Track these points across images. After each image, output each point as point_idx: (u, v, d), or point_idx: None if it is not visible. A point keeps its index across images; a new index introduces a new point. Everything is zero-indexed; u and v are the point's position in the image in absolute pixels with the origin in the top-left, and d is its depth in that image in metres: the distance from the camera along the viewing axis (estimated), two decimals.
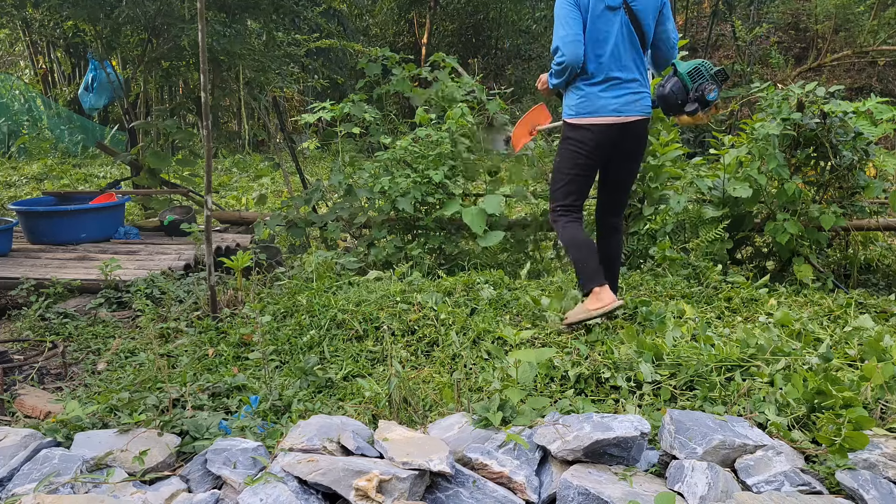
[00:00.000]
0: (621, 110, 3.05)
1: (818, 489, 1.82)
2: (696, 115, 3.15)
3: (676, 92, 3.13)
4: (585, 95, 3.06)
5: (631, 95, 3.06)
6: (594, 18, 2.99)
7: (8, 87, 12.63)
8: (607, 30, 3.01)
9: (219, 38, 6.26)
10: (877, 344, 2.69)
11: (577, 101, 3.08)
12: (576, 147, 3.11)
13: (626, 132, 3.09)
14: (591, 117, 3.06)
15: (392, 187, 4.53)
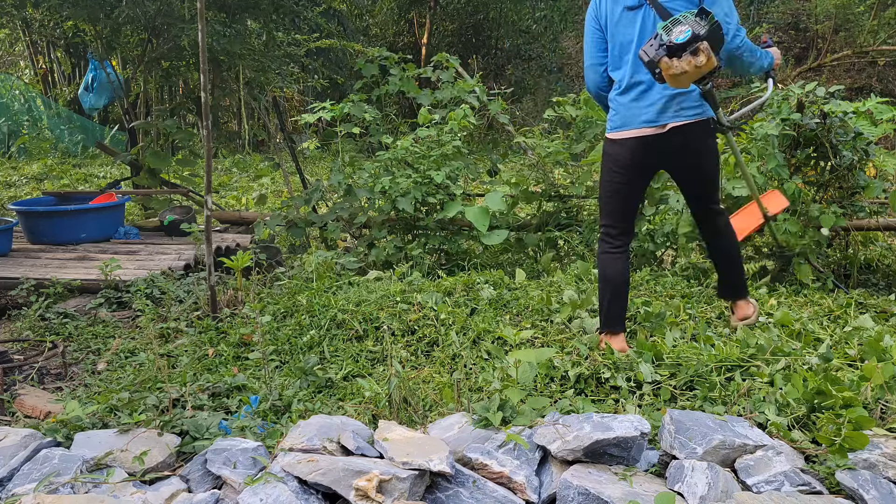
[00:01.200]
0: (657, 119, 2.75)
1: (818, 489, 1.82)
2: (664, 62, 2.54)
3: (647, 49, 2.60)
4: (616, 106, 2.85)
5: (668, 100, 2.74)
6: (613, 25, 2.80)
7: (8, 87, 12.63)
8: (629, 32, 2.77)
9: (219, 38, 6.26)
10: (877, 344, 2.69)
11: (611, 114, 2.88)
12: (610, 163, 2.89)
13: (668, 141, 2.77)
14: (623, 131, 2.82)
15: (392, 187, 4.53)
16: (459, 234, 4.90)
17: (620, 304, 2.90)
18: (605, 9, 2.83)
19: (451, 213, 4.51)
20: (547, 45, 16.80)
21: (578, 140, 4.88)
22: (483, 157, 5.39)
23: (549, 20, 17.00)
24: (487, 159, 5.42)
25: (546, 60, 16.63)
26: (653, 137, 2.78)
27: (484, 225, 4.41)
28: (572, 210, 5.02)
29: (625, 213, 2.93)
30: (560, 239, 4.91)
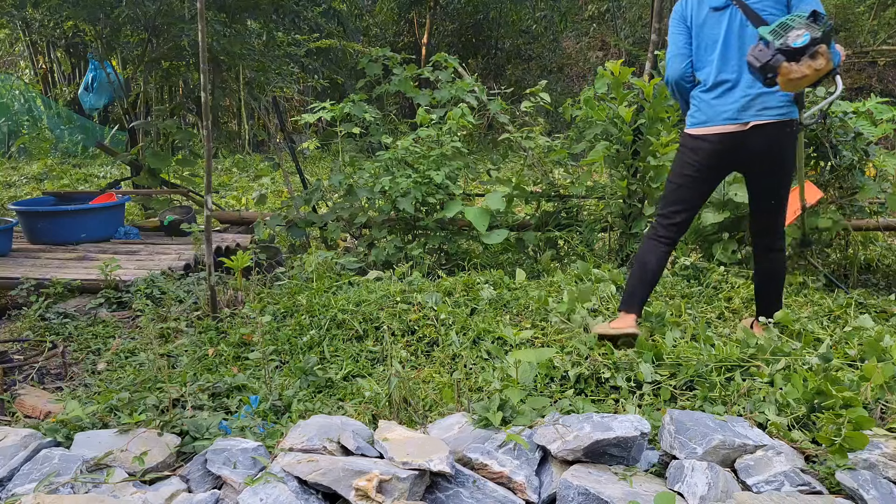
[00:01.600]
0: (738, 116, 2.78)
1: (818, 489, 1.82)
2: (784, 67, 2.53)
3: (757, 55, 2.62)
4: (698, 102, 2.90)
5: (752, 98, 2.76)
6: (699, 25, 2.87)
7: (8, 87, 12.63)
8: (715, 32, 2.83)
9: (219, 38, 6.27)
10: (877, 344, 2.70)
11: (692, 111, 2.93)
12: (687, 156, 2.93)
13: (749, 140, 2.79)
14: (704, 127, 2.86)
15: (393, 187, 4.53)
16: (459, 234, 4.91)
17: (646, 290, 2.98)
18: (691, 10, 2.91)
19: (451, 212, 4.51)
20: (547, 45, 16.80)
21: (578, 140, 4.88)
22: (483, 157, 5.39)
23: (549, 20, 16.99)
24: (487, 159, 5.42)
25: (546, 60, 16.63)
26: (734, 135, 2.80)
27: (484, 225, 4.41)
28: (572, 210, 5.02)
29: (686, 206, 2.98)
30: (560, 239, 4.91)
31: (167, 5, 6.21)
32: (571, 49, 17.55)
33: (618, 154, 4.60)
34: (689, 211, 3.01)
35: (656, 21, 4.97)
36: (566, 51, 17.36)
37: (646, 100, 4.42)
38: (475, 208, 4.52)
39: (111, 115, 12.98)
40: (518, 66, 16.32)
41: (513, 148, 5.92)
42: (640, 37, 15.58)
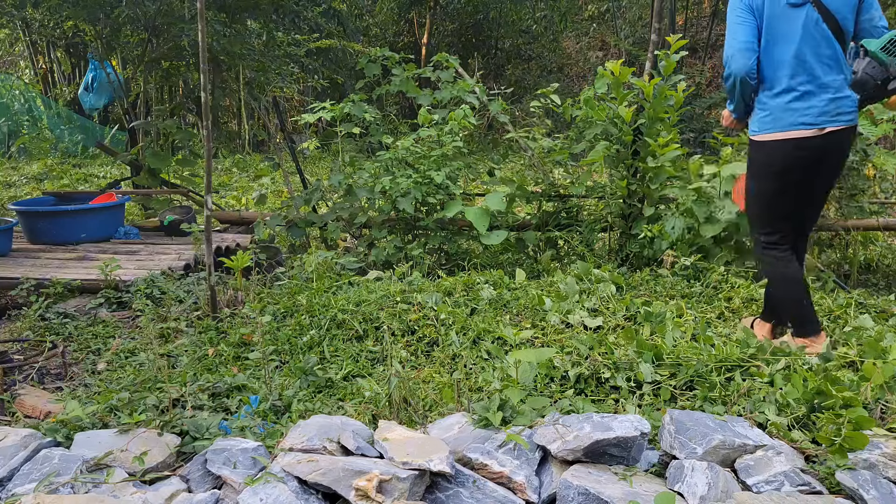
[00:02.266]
0: (816, 122, 2.67)
1: (818, 489, 1.82)
2: None
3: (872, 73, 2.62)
4: (770, 109, 2.72)
5: (828, 103, 2.66)
6: (772, 19, 2.65)
7: (8, 87, 12.63)
8: (790, 30, 2.64)
9: (219, 38, 6.27)
10: (876, 344, 2.70)
11: (760, 115, 2.75)
12: (763, 169, 2.79)
13: (826, 146, 2.69)
14: (779, 132, 2.70)
15: (393, 187, 4.53)
16: (459, 235, 4.91)
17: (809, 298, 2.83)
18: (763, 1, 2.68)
19: (451, 212, 4.51)
20: (547, 45, 16.79)
21: (578, 140, 4.88)
22: (483, 157, 5.39)
23: (549, 20, 16.99)
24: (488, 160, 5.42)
25: (546, 60, 16.62)
26: (811, 139, 2.68)
27: (484, 225, 4.41)
28: (572, 210, 5.03)
29: (784, 217, 2.85)
30: (560, 239, 4.91)
31: (167, 5, 6.21)
32: (571, 49, 17.55)
33: (618, 154, 4.60)
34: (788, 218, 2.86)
35: (656, 21, 4.97)
36: (566, 51, 17.35)
37: (646, 100, 4.42)
38: (475, 208, 4.52)
39: (111, 115, 12.98)
40: (518, 66, 16.32)
41: (513, 148, 5.92)
42: (640, 37, 15.58)
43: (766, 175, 2.81)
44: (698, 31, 15.64)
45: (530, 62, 16.52)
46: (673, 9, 14.40)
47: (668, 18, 13.96)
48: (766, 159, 2.78)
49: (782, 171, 2.76)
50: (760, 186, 2.86)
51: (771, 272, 2.90)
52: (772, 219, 2.87)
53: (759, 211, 2.90)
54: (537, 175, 5.37)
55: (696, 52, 14.79)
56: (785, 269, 2.83)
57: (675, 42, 4.27)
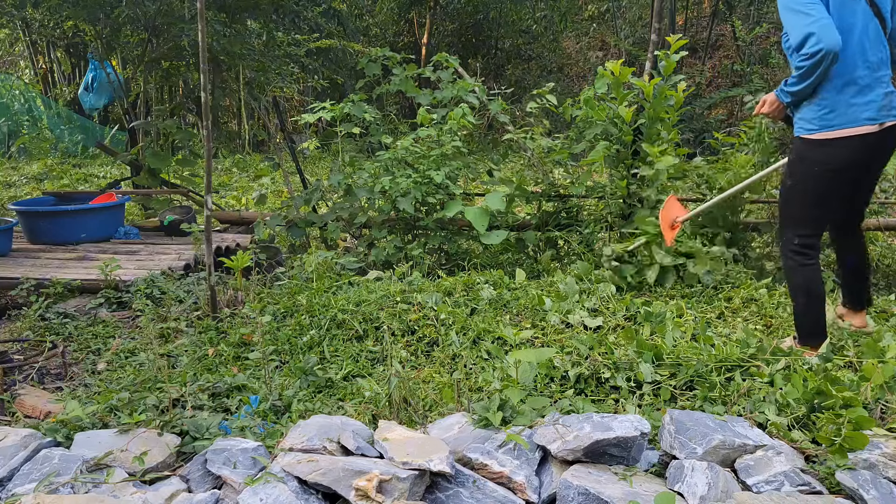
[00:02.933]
0: (877, 117, 2.59)
1: (818, 489, 1.82)
2: None
3: None
4: (831, 103, 2.60)
5: (884, 97, 2.61)
6: (837, 6, 2.55)
7: (8, 87, 12.62)
8: (852, 20, 2.56)
9: (219, 38, 6.27)
10: (875, 344, 2.70)
11: (820, 111, 2.63)
12: (820, 168, 2.65)
13: (883, 141, 2.64)
14: (841, 129, 2.59)
15: (393, 187, 4.53)
16: (459, 234, 4.91)
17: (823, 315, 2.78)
18: None
19: (451, 212, 4.51)
20: (547, 45, 16.79)
21: (578, 140, 4.88)
22: (483, 157, 5.39)
23: (549, 20, 16.99)
24: (487, 159, 5.42)
25: (546, 60, 16.62)
26: (871, 136, 2.61)
27: (483, 225, 4.41)
28: (572, 210, 5.02)
29: (829, 219, 2.82)
30: (560, 239, 4.91)
31: (167, 5, 6.21)
32: (571, 49, 17.54)
33: (618, 154, 4.60)
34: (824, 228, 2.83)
35: (656, 21, 4.97)
36: (566, 51, 17.35)
37: (646, 100, 4.42)
38: (475, 208, 4.52)
39: (111, 115, 12.98)
40: (518, 66, 16.32)
41: (513, 148, 5.92)
42: (640, 37, 15.58)
43: (821, 175, 2.67)
44: (698, 31, 15.64)
45: (530, 62, 16.52)
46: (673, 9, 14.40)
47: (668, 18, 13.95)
48: (826, 158, 2.65)
49: (840, 170, 2.66)
50: (810, 186, 2.71)
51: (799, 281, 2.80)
52: (813, 221, 2.78)
53: (802, 212, 2.77)
54: (537, 175, 5.37)
55: (696, 52, 14.79)
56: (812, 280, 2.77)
57: (675, 42, 4.27)
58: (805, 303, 2.78)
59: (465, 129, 4.98)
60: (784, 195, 2.84)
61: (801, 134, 2.71)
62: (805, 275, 2.77)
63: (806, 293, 2.78)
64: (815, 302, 2.77)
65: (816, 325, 2.78)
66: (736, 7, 15.34)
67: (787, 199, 2.83)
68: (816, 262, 2.79)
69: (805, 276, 2.77)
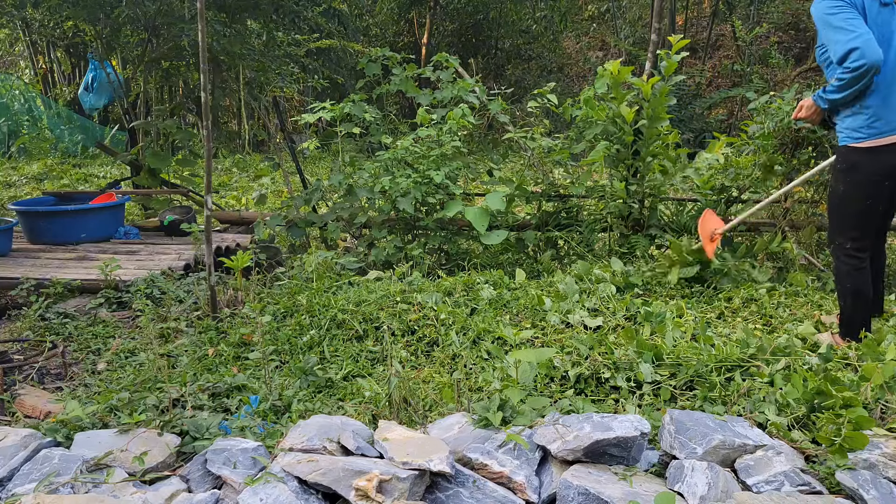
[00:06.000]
0: None
1: (818, 489, 1.82)
2: None
3: None
4: (877, 112, 2.69)
5: None
6: (873, 17, 2.65)
7: (8, 87, 12.62)
8: (887, 30, 2.68)
9: (219, 38, 6.27)
10: (875, 344, 2.70)
11: (865, 120, 2.72)
12: (866, 175, 2.75)
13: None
14: (890, 136, 2.69)
15: (393, 187, 4.53)
16: (459, 234, 4.90)
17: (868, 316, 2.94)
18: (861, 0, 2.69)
19: (451, 212, 4.50)
20: (547, 45, 16.79)
21: (578, 140, 4.88)
22: (483, 157, 5.39)
23: (549, 20, 16.99)
24: (487, 159, 5.42)
25: (546, 60, 16.62)
26: None
27: (483, 225, 4.41)
28: (572, 210, 5.02)
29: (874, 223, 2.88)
30: (560, 239, 4.91)
31: (167, 5, 6.21)
32: (571, 49, 17.55)
33: (618, 154, 4.60)
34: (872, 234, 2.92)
35: (656, 21, 4.97)
36: (566, 51, 17.36)
37: (644, 99, 4.42)
38: (475, 208, 4.52)
39: (111, 115, 12.98)
40: (518, 66, 16.32)
41: (513, 148, 5.92)
42: (640, 37, 15.58)
43: (868, 182, 2.78)
44: (698, 31, 15.65)
45: (530, 62, 16.52)
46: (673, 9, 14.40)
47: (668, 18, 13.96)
48: (874, 165, 2.75)
49: (886, 176, 2.76)
50: (860, 193, 2.81)
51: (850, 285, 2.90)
52: (864, 225, 2.86)
53: (853, 218, 2.86)
54: (537, 175, 5.37)
55: (696, 52, 14.79)
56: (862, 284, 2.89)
57: (676, 42, 4.27)
58: (853, 304, 2.90)
59: (464, 129, 4.97)
60: (835, 202, 2.91)
61: (849, 143, 2.79)
62: (857, 278, 2.88)
63: (855, 295, 2.90)
64: (863, 303, 2.90)
65: (862, 324, 2.91)
66: (736, 7, 15.35)
67: (840, 206, 2.90)
68: (868, 266, 2.90)
69: (856, 280, 2.88)
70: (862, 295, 2.90)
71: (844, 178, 2.84)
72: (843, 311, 2.96)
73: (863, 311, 2.92)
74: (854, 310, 2.92)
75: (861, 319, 2.92)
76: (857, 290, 2.90)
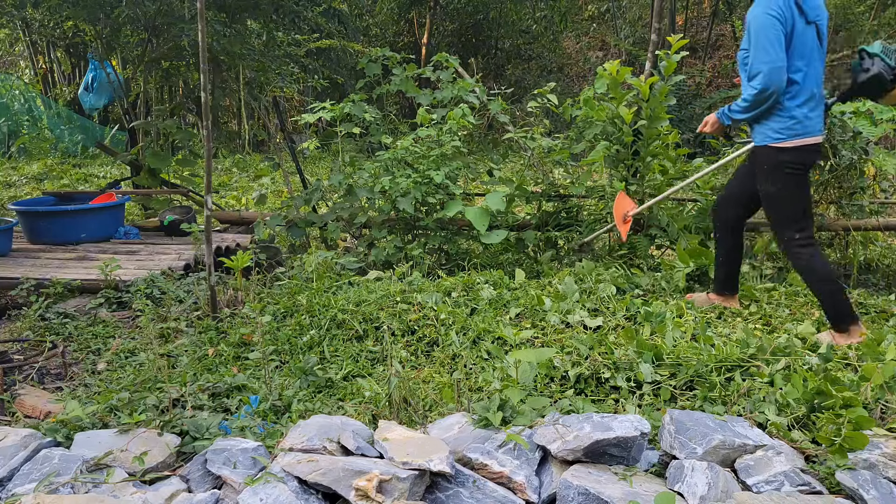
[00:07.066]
0: (822, 129, 3.07)
1: (818, 489, 1.82)
2: None
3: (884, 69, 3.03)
4: (796, 116, 2.99)
5: (822, 113, 3.07)
6: (799, 36, 2.95)
7: (8, 87, 12.62)
8: (810, 45, 2.98)
9: (219, 38, 6.27)
10: (874, 345, 2.70)
11: (788, 122, 3.00)
12: (794, 170, 3.03)
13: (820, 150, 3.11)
14: (805, 138, 2.99)
15: (393, 187, 4.53)
16: (459, 234, 4.90)
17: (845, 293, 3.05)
18: (792, 18, 2.94)
19: (451, 212, 4.50)
20: (547, 45, 16.79)
21: (578, 140, 4.88)
22: (483, 157, 5.39)
23: (549, 20, 16.98)
24: (487, 159, 5.42)
25: (546, 60, 16.62)
26: (819, 145, 3.05)
27: (483, 225, 4.41)
28: (572, 210, 5.02)
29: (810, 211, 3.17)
30: (560, 239, 4.91)
31: (167, 5, 6.21)
32: (571, 49, 17.55)
33: (618, 154, 4.60)
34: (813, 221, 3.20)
35: (656, 21, 4.97)
36: (566, 51, 17.35)
37: (643, 100, 4.41)
38: (475, 208, 4.51)
39: (111, 115, 12.98)
40: (518, 66, 16.32)
41: (513, 148, 5.91)
42: (640, 37, 15.58)
43: (794, 176, 3.04)
44: (698, 31, 15.65)
45: (530, 62, 16.52)
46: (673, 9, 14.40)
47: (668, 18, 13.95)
48: (798, 159, 3.01)
49: (806, 171, 3.06)
50: (792, 187, 3.06)
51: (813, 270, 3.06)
52: (803, 215, 3.09)
53: (793, 211, 3.09)
54: (537, 175, 5.37)
55: (695, 52, 14.79)
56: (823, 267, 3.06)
57: (675, 42, 4.27)
58: (828, 289, 3.04)
59: (464, 129, 4.97)
60: (771, 201, 3.14)
61: (770, 143, 3.05)
62: (817, 264, 3.05)
63: (825, 280, 3.04)
64: (834, 284, 3.03)
65: (844, 305, 3.01)
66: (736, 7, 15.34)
67: (777, 203, 3.12)
68: (819, 249, 3.12)
69: (818, 266, 3.05)
70: (830, 278, 3.04)
71: (773, 177, 3.08)
72: (825, 304, 3.06)
73: (838, 294, 3.01)
74: (831, 295, 3.02)
75: (841, 301, 3.01)
76: (823, 274, 3.04)
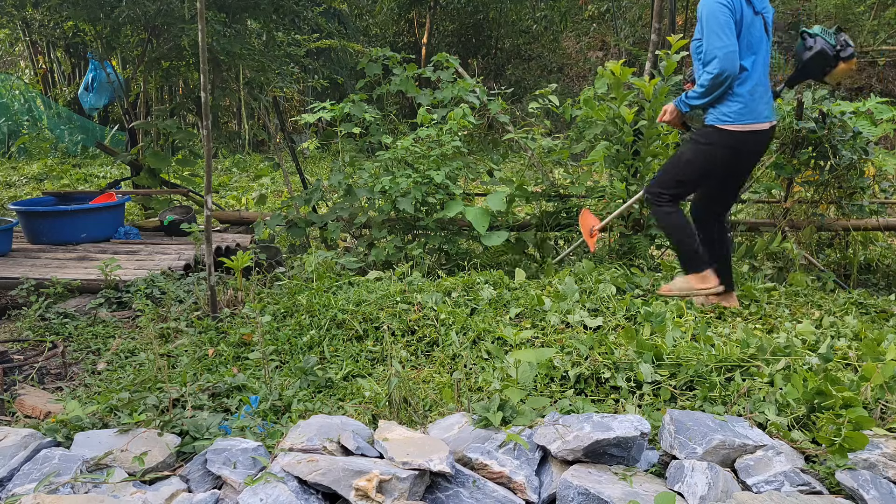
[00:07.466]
0: (770, 115, 3.16)
1: (818, 489, 1.82)
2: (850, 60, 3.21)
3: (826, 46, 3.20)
4: (745, 101, 3.08)
5: (770, 99, 3.19)
6: (747, 25, 3.05)
7: (8, 87, 12.62)
8: (757, 35, 3.09)
9: (219, 38, 6.26)
10: (874, 345, 2.70)
11: (736, 107, 3.09)
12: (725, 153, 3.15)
13: (767, 138, 3.21)
14: (751, 124, 3.09)
15: (393, 187, 4.53)
16: (459, 235, 4.90)
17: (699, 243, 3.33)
18: (741, 7, 3.05)
19: (451, 212, 4.50)
20: (547, 45, 16.79)
21: (578, 140, 4.88)
22: (483, 157, 5.39)
23: (549, 20, 16.98)
24: (488, 159, 5.42)
25: (546, 60, 16.62)
26: (766, 132, 3.16)
27: (484, 225, 4.41)
28: (572, 210, 5.03)
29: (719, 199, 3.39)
30: (560, 239, 4.91)
31: (167, 5, 6.21)
32: (571, 49, 17.54)
33: (618, 154, 4.60)
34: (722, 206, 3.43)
35: (656, 21, 4.97)
36: (566, 51, 17.35)
37: (646, 100, 4.42)
38: (475, 208, 4.51)
39: (111, 115, 12.97)
40: (518, 66, 16.31)
41: (513, 148, 5.91)
42: (640, 37, 15.57)
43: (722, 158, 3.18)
44: None
45: (530, 62, 16.52)
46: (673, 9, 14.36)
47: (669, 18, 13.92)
48: (735, 145, 3.13)
49: (743, 157, 3.19)
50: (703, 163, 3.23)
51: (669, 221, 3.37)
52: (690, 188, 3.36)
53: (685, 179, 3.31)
54: (537, 175, 5.37)
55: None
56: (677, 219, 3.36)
57: (675, 42, 4.27)
58: (681, 238, 3.36)
59: (465, 129, 4.97)
60: (676, 163, 3.35)
61: (717, 124, 3.15)
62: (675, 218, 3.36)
63: (679, 230, 3.35)
64: (687, 232, 3.34)
65: (695, 251, 3.33)
66: None
67: (678, 167, 3.33)
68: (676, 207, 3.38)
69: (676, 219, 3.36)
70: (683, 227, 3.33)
71: (698, 149, 3.23)
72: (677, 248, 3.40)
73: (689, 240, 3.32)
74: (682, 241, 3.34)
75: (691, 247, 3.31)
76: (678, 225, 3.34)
